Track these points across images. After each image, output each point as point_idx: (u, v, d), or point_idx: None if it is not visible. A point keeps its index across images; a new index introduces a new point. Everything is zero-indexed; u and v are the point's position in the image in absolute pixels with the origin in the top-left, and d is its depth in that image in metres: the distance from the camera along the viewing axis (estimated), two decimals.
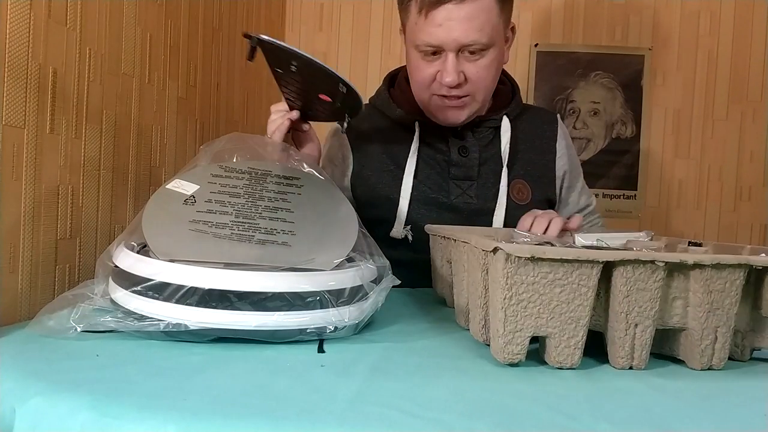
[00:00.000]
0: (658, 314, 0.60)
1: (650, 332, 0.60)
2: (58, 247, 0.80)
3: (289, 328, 0.64)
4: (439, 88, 1.04)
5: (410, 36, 1.03)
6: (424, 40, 0.99)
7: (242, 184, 0.79)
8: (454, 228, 0.92)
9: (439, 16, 0.96)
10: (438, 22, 0.97)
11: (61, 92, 0.80)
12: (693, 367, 0.62)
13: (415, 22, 1.00)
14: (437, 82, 1.03)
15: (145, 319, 0.63)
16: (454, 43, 0.98)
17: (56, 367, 0.55)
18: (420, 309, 0.89)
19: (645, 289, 0.60)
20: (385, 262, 0.76)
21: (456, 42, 0.98)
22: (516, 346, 0.58)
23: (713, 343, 0.62)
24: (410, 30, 1.03)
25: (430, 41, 0.99)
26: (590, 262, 0.58)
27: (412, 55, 1.04)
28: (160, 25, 1.04)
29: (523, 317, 0.58)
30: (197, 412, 0.46)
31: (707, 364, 0.62)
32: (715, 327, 0.61)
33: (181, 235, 0.69)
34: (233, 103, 1.41)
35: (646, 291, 0.60)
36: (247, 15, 1.47)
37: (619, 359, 0.61)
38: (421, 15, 0.98)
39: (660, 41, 1.79)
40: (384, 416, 0.46)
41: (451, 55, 0.99)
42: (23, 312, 0.74)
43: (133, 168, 0.97)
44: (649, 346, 0.61)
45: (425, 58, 1.02)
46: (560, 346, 0.59)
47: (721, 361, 0.62)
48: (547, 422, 0.47)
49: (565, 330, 0.59)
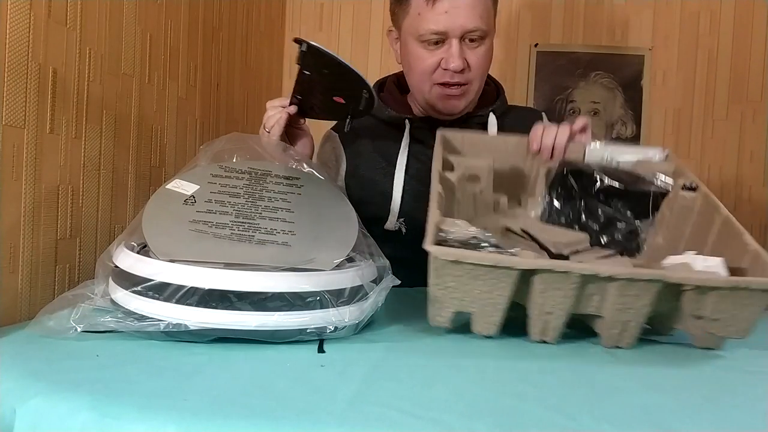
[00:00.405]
0: (573, 306, 0.68)
1: (562, 318, 0.68)
2: (58, 247, 0.80)
3: (289, 328, 0.64)
4: (441, 76, 1.07)
5: (411, 29, 1.07)
6: (430, 28, 1.03)
7: (242, 184, 0.79)
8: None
9: (445, 3, 1.02)
10: (444, 9, 1.02)
11: (61, 92, 0.80)
12: (603, 345, 0.70)
13: (418, 13, 1.04)
14: (440, 70, 1.07)
15: (145, 319, 0.63)
16: (460, 29, 1.03)
17: (56, 367, 0.55)
18: (420, 309, 0.89)
19: (560, 288, 0.66)
20: (385, 262, 0.76)
21: (462, 28, 1.03)
22: (442, 317, 0.70)
23: (623, 332, 0.69)
24: (411, 23, 1.07)
25: (436, 28, 1.03)
26: (506, 269, 0.65)
27: (413, 47, 1.08)
28: (160, 25, 1.04)
29: (449, 299, 0.69)
30: (197, 412, 0.46)
31: (614, 345, 0.70)
32: (626, 321, 0.68)
33: (181, 235, 0.69)
34: (233, 103, 1.41)
35: (561, 290, 0.66)
36: (247, 15, 1.47)
37: (533, 335, 0.71)
38: (428, 5, 1.03)
39: (660, 41, 1.79)
40: (384, 416, 0.46)
41: (455, 42, 1.04)
42: (23, 312, 0.74)
43: (133, 168, 0.97)
44: (560, 328, 0.69)
45: (428, 47, 1.06)
46: (481, 322, 0.70)
47: (629, 345, 0.70)
48: (547, 422, 0.47)
49: (485, 311, 0.69)
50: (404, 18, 1.08)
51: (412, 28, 1.07)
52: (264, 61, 1.61)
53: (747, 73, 1.76)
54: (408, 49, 1.10)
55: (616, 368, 0.62)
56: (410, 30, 1.07)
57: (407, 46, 1.10)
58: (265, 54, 1.61)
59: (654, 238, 0.90)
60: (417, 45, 1.07)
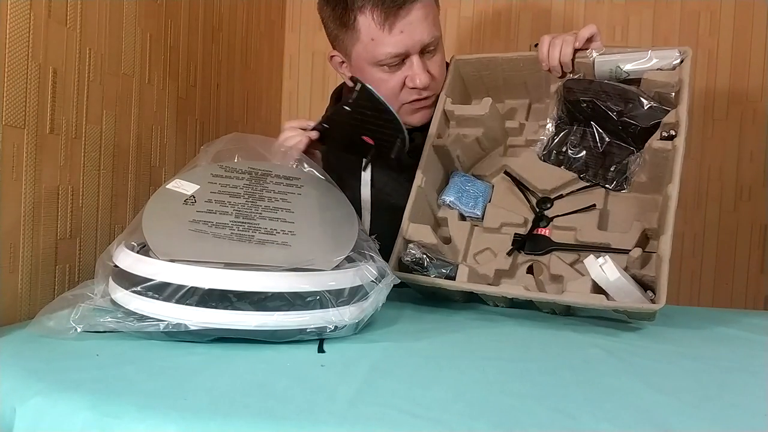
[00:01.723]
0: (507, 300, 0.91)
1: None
2: (58, 247, 0.80)
3: (289, 327, 0.64)
4: (409, 95, 1.03)
5: (365, 54, 1.00)
6: (389, 52, 0.98)
7: (242, 184, 0.79)
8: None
9: (399, 24, 0.96)
10: (399, 30, 0.97)
11: (61, 92, 0.80)
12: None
13: (371, 39, 0.98)
14: (406, 89, 1.03)
15: (145, 319, 0.63)
16: (419, 44, 0.99)
17: (56, 367, 0.55)
18: (420, 309, 0.89)
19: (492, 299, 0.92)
20: (385, 262, 0.76)
21: (420, 43, 0.99)
22: None
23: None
24: (363, 49, 1.00)
25: (396, 51, 0.98)
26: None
27: (370, 72, 1.02)
28: (160, 25, 1.04)
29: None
30: (197, 412, 0.46)
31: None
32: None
33: (181, 235, 0.69)
34: (233, 103, 1.41)
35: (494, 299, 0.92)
36: (247, 15, 1.47)
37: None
38: (382, 29, 0.97)
39: (660, 41, 1.79)
40: (384, 416, 0.46)
41: (416, 58, 0.99)
42: (23, 312, 0.74)
43: (133, 168, 0.97)
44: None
45: (389, 70, 1.01)
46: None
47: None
48: (547, 422, 0.47)
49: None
50: (354, 44, 1.01)
51: (366, 54, 1.00)
52: (264, 61, 1.61)
53: (747, 73, 1.76)
54: (365, 75, 1.02)
55: (616, 368, 0.62)
56: (364, 56, 1.01)
57: (363, 72, 1.03)
58: (265, 54, 1.61)
59: (639, 174, 0.91)
60: (375, 70, 1.01)
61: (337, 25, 1.02)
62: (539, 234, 0.94)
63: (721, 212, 1.76)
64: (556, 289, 0.88)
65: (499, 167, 1.02)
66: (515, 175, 1.00)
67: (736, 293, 1.63)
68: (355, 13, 0.97)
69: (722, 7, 1.77)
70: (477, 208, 0.99)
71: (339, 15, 1.00)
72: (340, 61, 1.08)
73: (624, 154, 0.93)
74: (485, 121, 0.99)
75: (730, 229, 1.73)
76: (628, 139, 0.93)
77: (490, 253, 0.96)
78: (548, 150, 0.99)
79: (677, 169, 0.81)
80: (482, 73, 1.05)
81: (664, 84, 0.88)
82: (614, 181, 0.94)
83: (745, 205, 1.76)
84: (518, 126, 1.03)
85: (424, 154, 1.00)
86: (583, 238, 0.90)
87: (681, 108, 0.85)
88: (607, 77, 0.93)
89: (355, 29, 0.99)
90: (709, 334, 0.80)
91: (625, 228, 0.89)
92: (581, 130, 0.97)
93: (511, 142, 1.04)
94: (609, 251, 0.86)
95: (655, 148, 0.85)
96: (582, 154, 0.96)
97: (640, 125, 0.89)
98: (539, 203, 0.97)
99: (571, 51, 0.94)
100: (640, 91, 0.90)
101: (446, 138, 1.01)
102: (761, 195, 1.75)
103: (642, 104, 0.89)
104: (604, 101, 0.92)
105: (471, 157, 1.04)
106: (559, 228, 0.93)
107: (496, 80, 1.05)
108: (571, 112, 0.97)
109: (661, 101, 0.89)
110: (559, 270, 0.89)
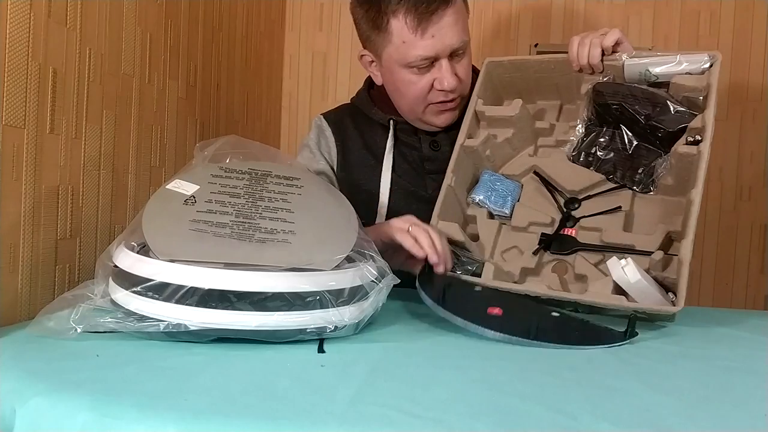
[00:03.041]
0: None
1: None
2: (58, 247, 0.80)
3: (289, 328, 0.64)
4: (436, 97, 1.07)
5: (396, 56, 1.04)
6: (420, 54, 1.01)
7: (242, 184, 0.79)
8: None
9: (431, 29, 1.00)
10: (431, 34, 1.00)
11: (61, 92, 0.80)
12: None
13: (402, 41, 1.02)
14: (434, 91, 1.06)
15: (145, 319, 0.63)
16: (449, 49, 1.02)
17: (56, 367, 0.55)
18: (420, 309, 0.89)
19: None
20: (385, 262, 0.76)
21: (450, 48, 1.02)
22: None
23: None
24: (395, 51, 1.04)
25: (426, 54, 1.01)
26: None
27: (400, 73, 1.06)
28: (160, 25, 1.04)
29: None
30: (197, 412, 0.46)
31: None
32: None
33: (181, 235, 0.69)
34: (233, 103, 1.41)
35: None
36: (247, 15, 1.47)
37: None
38: (415, 33, 1.00)
39: (660, 41, 1.79)
40: (384, 416, 0.46)
41: (445, 62, 1.03)
42: (23, 312, 0.74)
43: (133, 168, 0.97)
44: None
45: (419, 72, 1.04)
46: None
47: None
48: (547, 422, 0.47)
49: None
50: (385, 46, 1.05)
51: (397, 56, 1.04)
52: (264, 61, 1.61)
53: (747, 73, 1.76)
54: (394, 76, 1.07)
55: (616, 368, 0.62)
56: (395, 58, 1.04)
57: (392, 73, 1.07)
58: (265, 54, 1.61)
59: (665, 177, 0.91)
60: (405, 71, 1.05)
61: (370, 26, 1.05)
62: (565, 234, 0.95)
63: (721, 212, 1.76)
64: (580, 289, 0.88)
65: (528, 167, 1.03)
66: (544, 175, 1.01)
67: (736, 293, 1.63)
68: (389, 17, 1.01)
69: (722, 7, 1.77)
70: (506, 207, 1.00)
71: (372, 17, 1.04)
72: (370, 60, 1.12)
73: (651, 156, 0.94)
74: (515, 122, 1.01)
75: (730, 230, 1.73)
76: (656, 142, 0.93)
77: (517, 252, 0.97)
78: (578, 151, 1.00)
79: (701, 174, 0.82)
80: (513, 75, 1.07)
81: (693, 88, 0.88)
82: (641, 183, 0.94)
83: (745, 206, 1.76)
84: (548, 127, 1.04)
85: (454, 154, 1.03)
86: (608, 239, 0.90)
87: (708, 113, 0.85)
88: (637, 80, 0.94)
89: (388, 32, 1.02)
90: (709, 334, 0.80)
91: (650, 230, 0.89)
92: (610, 131, 0.98)
93: (541, 142, 1.05)
94: (633, 253, 0.86)
95: (680, 153, 0.86)
96: (611, 156, 0.97)
97: (667, 129, 0.89)
98: (567, 203, 0.98)
99: (599, 53, 0.96)
100: (668, 95, 0.91)
101: (477, 138, 1.03)
102: (761, 195, 1.75)
103: (669, 108, 0.89)
104: (632, 105, 0.92)
105: (501, 157, 1.05)
106: (585, 228, 0.94)
107: (527, 82, 1.06)
108: (601, 114, 0.98)
109: (689, 105, 0.90)
110: (583, 270, 0.90)
